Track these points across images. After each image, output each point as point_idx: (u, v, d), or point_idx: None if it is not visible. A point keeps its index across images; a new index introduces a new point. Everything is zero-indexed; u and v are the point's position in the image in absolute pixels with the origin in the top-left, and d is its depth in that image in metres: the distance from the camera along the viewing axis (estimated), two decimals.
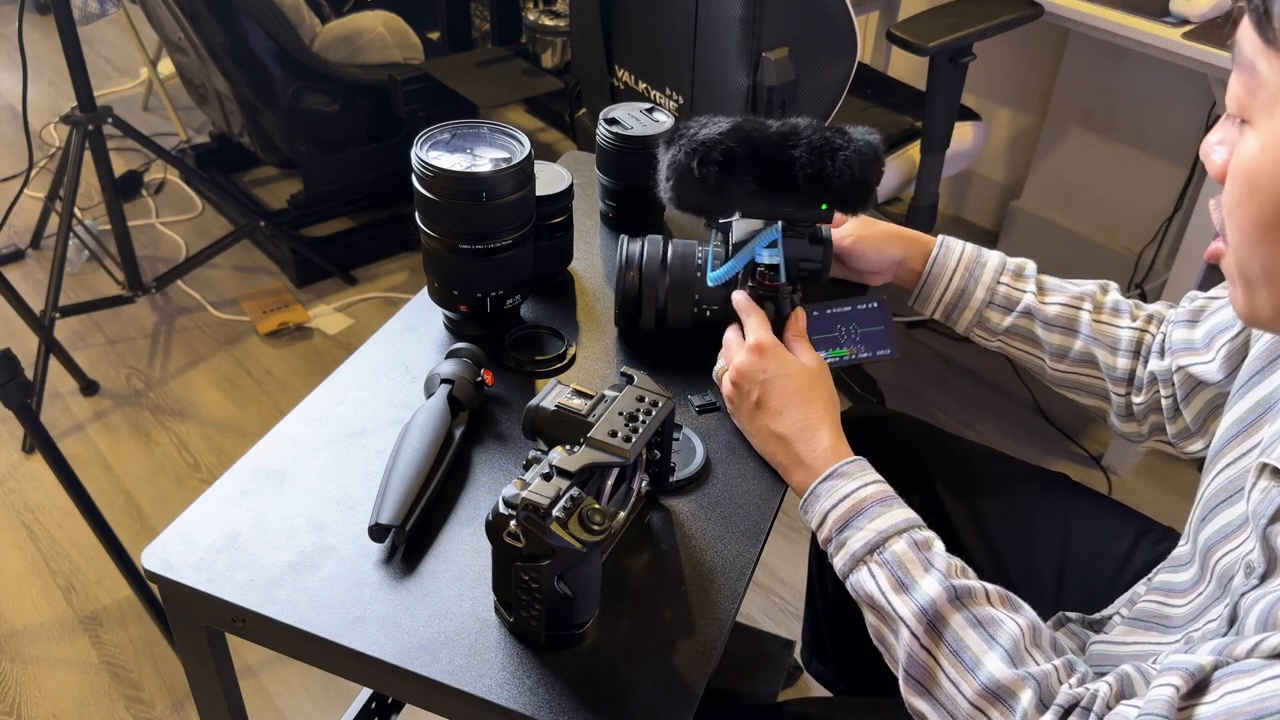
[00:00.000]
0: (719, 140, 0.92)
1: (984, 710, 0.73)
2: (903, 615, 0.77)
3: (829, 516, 0.84)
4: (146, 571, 0.83)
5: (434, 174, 0.97)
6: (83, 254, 2.62)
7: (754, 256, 0.98)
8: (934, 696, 0.76)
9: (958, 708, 0.74)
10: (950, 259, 1.06)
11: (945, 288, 1.06)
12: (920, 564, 0.79)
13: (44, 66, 3.51)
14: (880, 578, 0.79)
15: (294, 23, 2.36)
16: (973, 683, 0.73)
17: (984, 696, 0.73)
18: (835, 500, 0.84)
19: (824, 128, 0.94)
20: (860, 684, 1.43)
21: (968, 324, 1.06)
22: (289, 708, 1.65)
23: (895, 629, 0.78)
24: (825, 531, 0.84)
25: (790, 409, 0.90)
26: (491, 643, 0.78)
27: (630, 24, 1.88)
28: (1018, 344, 1.06)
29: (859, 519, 0.82)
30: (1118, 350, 1.02)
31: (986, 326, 1.06)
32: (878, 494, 0.84)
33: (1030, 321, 1.04)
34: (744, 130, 0.93)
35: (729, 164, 0.92)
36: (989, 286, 1.05)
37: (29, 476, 2.04)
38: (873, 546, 0.80)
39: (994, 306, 1.05)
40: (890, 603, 0.78)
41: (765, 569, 1.88)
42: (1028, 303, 1.04)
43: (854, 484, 0.84)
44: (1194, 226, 1.87)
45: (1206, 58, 1.70)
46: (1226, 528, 0.79)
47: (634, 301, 1.03)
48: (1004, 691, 0.72)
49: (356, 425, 0.97)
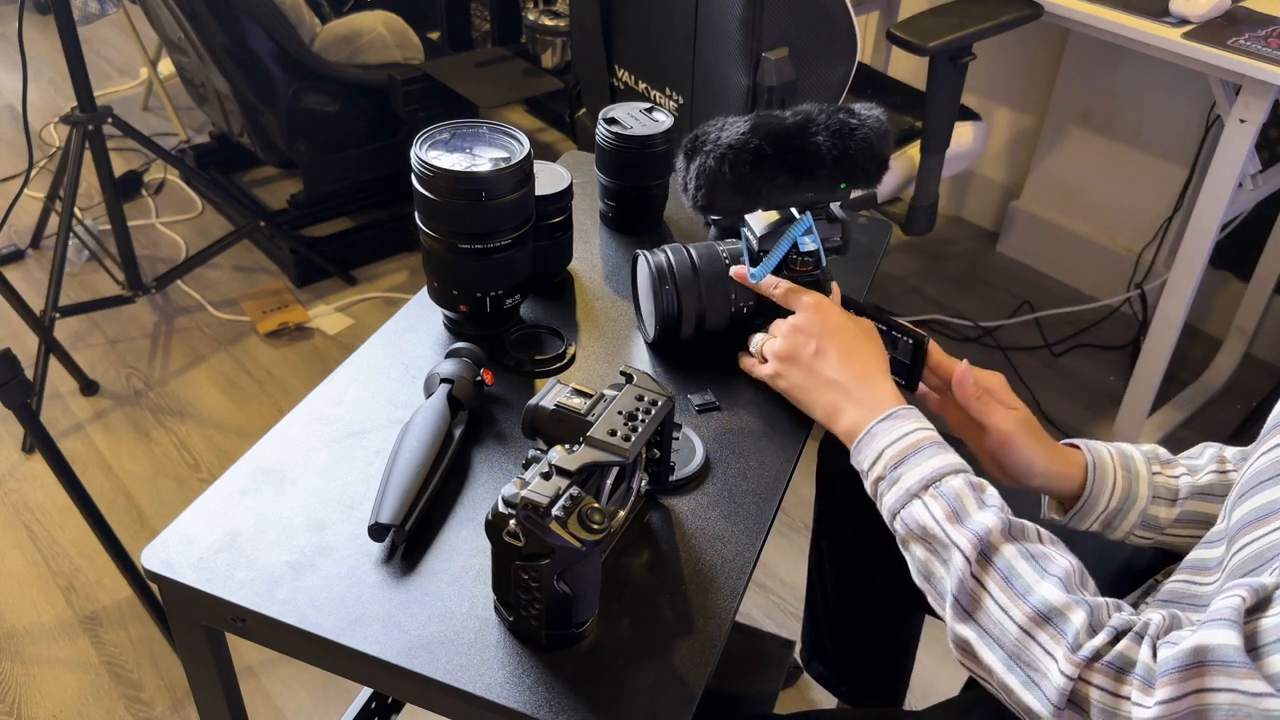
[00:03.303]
0: (746, 140, 0.93)
1: (1032, 633, 0.73)
2: (957, 542, 0.77)
3: (885, 453, 0.85)
4: (146, 571, 0.83)
5: (434, 174, 0.97)
6: (83, 254, 2.62)
7: (797, 245, 0.99)
8: (980, 623, 0.76)
9: (1005, 632, 0.74)
10: (1105, 466, 0.96)
11: (1110, 496, 0.95)
12: (975, 500, 0.79)
13: (44, 66, 3.51)
14: (935, 509, 0.80)
15: (294, 23, 2.36)
16: (1023, 606, 0.73)
17: (1034, 619, 0.73)
18: (893, 439, 0.85)
19: (834, 110, 0.96)
20: (860, 684, 1.44)
21: (1129, 528, 0.96)
22: (289, 708, 1.65)
23: (947, 556, 0.78)
24: (880, 468, 0.85)
25: (853, 357, 0.92)
26: (491, 642, 0.78)
27: (630, 24, 1.88)
28: (1186, 531, 0.96)
29: (916, 456, 0.83)
30: None
31: (1152, 525, 0.96)
32: (934, 438, 0.85)
33: (1200, 502, 0.96)
34: (765, 126, 0.94)
35: (759, 162, 0.93)
36: (1150, 483, 0.96)
37: (29, 476, 2.04)
38: (929, 481, 0.81)
39: (1159, 501, 0.96)
40: (945, 530, 0.78)
41: (765, 569, 1.88)
42: (1188, 484, 0.96)
43: (911, 424, 0.86)
44: (1194, 226, 1.87)
45: (1206, 58, 1.70)
46: (1263, 509, 0.76)
47: (675, 315, 1.02)
48: (1054, 614, 0.72)
49: (356, 425, 0.97)
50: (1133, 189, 2.51)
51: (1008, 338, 2.50)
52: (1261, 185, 1.89)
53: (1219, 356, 2.38)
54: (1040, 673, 0.71)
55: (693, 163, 0.95)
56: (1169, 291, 1.95)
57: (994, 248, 2.82)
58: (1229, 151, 1.78)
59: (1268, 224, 2.25)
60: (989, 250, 2.82)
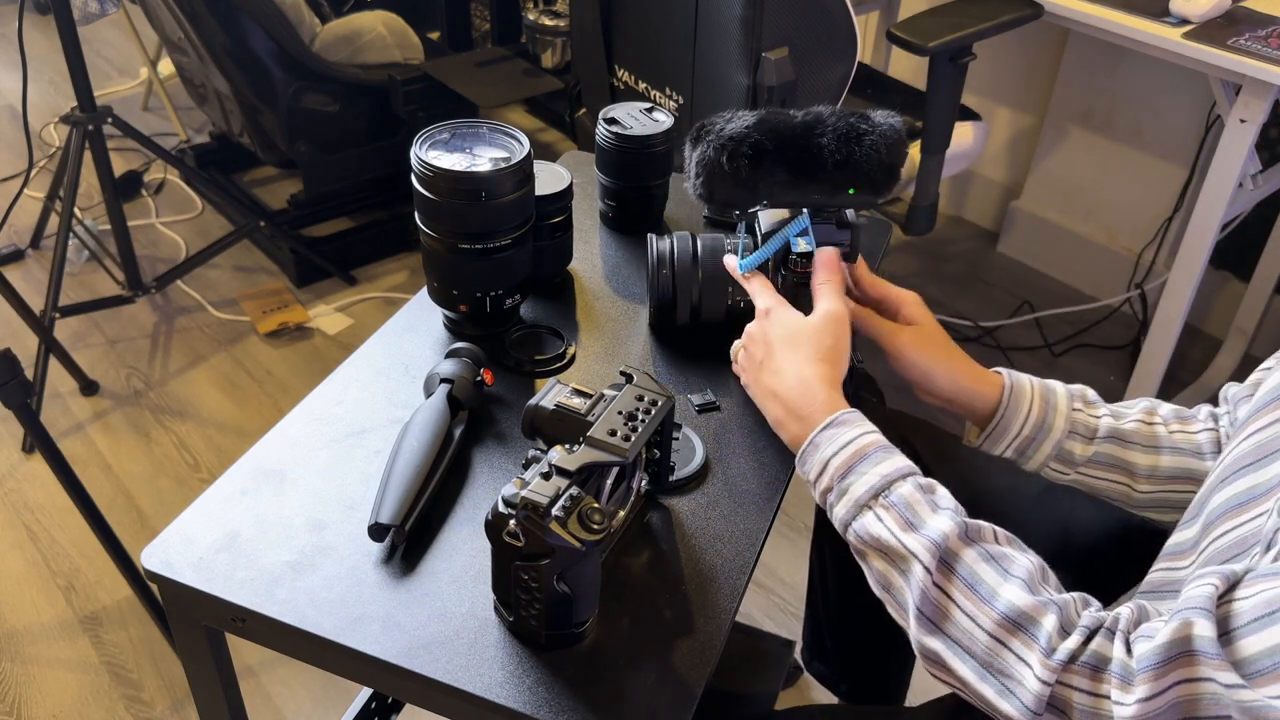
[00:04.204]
0: (747, 134, 0.94)
1: (1003, 640, 0.71)
2: (915, 551, 0.76)
3: (830, 464, 0.83)
4: (146, 571, 0.83)
5: (434, 174, 0.97)
6: (83, 254, 2.62)
7: (789, 245, 0.99)
8: (948, 634, 0.74)
9: (975, 641, 0.72)
10: (1023, 392, 0.98)
11: (1023, 422, 0.97)
12: (928, 505, 0.78)
13: (44, 66, 3.51)
14: (888, 519, 0.78)
15: (294, 23, 2.36)
16: (991, 613, 0.72)
17: (1003, 625, 0.71)
18: (837, 448, 0.83)
19: (847, 114, 0.96)
20: (860, 684, 1.44)
21: (1043, 459, 0.98)
22: (289, 708, 1.65)
23: (906, 568, 0.77)
24: (826, 480, 0.83)
25: (788, 367, 0.90)
26: (491, 642, 0.78)
27: (630, 24, 1.88)
28: (1100, 473, 0.98)
29: (862, 464, 0.81)
30: (1204, 454, 0.97)
31: (1066, 459, 0.97)
32: (878, 442, 0.83)
33: (1115, 446, 0.97)
34: (770, 123, 0.95)
35: (758, 156, 0.94)
36: (1067, 416, 0.97)
37: (29, 476, 2.04)
38: (878, 490, 0.79)
39: (1075, 436, 0.97)
40: (901, 541, 0.77)
41: (765, 569, 1.88)
42: (1109, 425, 0.97)
43: (855, 431, 0.84)
44: (1194, 226, 1.87)
45: (1206, 58, 1.70)
46: (1244, 495, 0.76)
47: (670, 299, 1.04)
48: (1024, 619, 0.71)
49: (356, 425, 0.97)
50: (1133, 189, 2.51)
51: (1008, 338, 2.50)
52: (1261, 185, 1.89)
53: (1219, 356, 2.38)
54: (1015, 680, 0.71)
55: (695, 150, 0.96)
56: (1169, 291, 1.95)
57: (994, 248, 2.82)
58: (1229, 151, 1.78)
59: (1268, 224, 2.25)
60: (989, 250, 2.82)
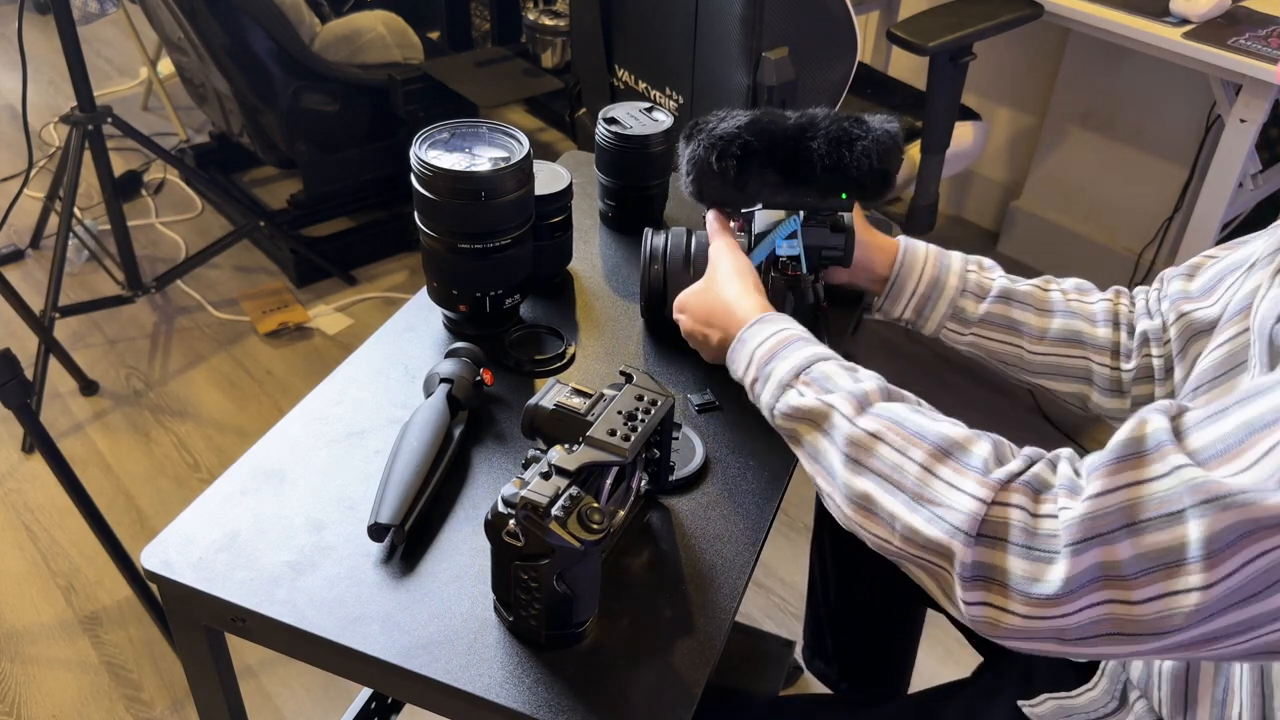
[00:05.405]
0: (736, 134, 0.94)
1: (934, 470, 0.68)
2: (834, 404, 0.75)
3: (755, 354, 0.85)
4: (146, 571, 0.83)
5: (433, 173, 0.97)
6: (82, 254, 2.62)
7: (774, 248, 0.99)
8: (874, 470, 0.71)
9: (905, 475, 0.69)
10: (918, 252, 1.03)
11: (918, 280, 1.02)
12: (848, 375, 0.78)
13: (44, 66, 3.51)
14: (808, 393, 0.78)
15: (294, 23, 2.36)
16: (921, 445, 0.69)
17: (934, 455, 0.69)
18: (760, 339, 0.85)
19: (842, 118, 0.96)
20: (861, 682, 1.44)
21: (940, 319, 1.02)
22: (289, 708, 1.65)
23: (828, 424, 0.75)
24: (753, 371, 0.85)
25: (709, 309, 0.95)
26: (491, 642, 0.78)
27: (630, 24, 1.88)
28: (993, 334, 1.02)
29: (784, 350, 0.83)
30: (1096, 322, 1.00)
31: (961, 318, 1.02)
32: (800, 334, 0.85)
33: (1007, 305, 1.01)
34: (762, 123, 0.95)
35: (747, 157, 0.94)
36: (961, 275, 1.02)
37: (29, 476, 2.04)
38: (799, 369, 0.80)
39: (968, 295, 1.02)
40: (822, 400, 0.76)
41: (765, 569, 1.88)
42: (1001, 285, 1.02)
43: (777, 325, 0.86)
44: (1194, 226, 1.87)
45: (1206, 58, 1.70)
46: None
47: (659, 294, 1.06)
48: (956, 448, 0.68)
49: (356, 425, 0.97)
50: (1133, 189, 2.51)
51: None
52: (1262, 185, 1.89)
53: None
54: (947, 506, 0.66)
55: (687, 148, 0.97)
56: None
57: (994, 247, 2.82)
58: (1229, 151, 1.78)
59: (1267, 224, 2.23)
60: (989, 250, 2.82)
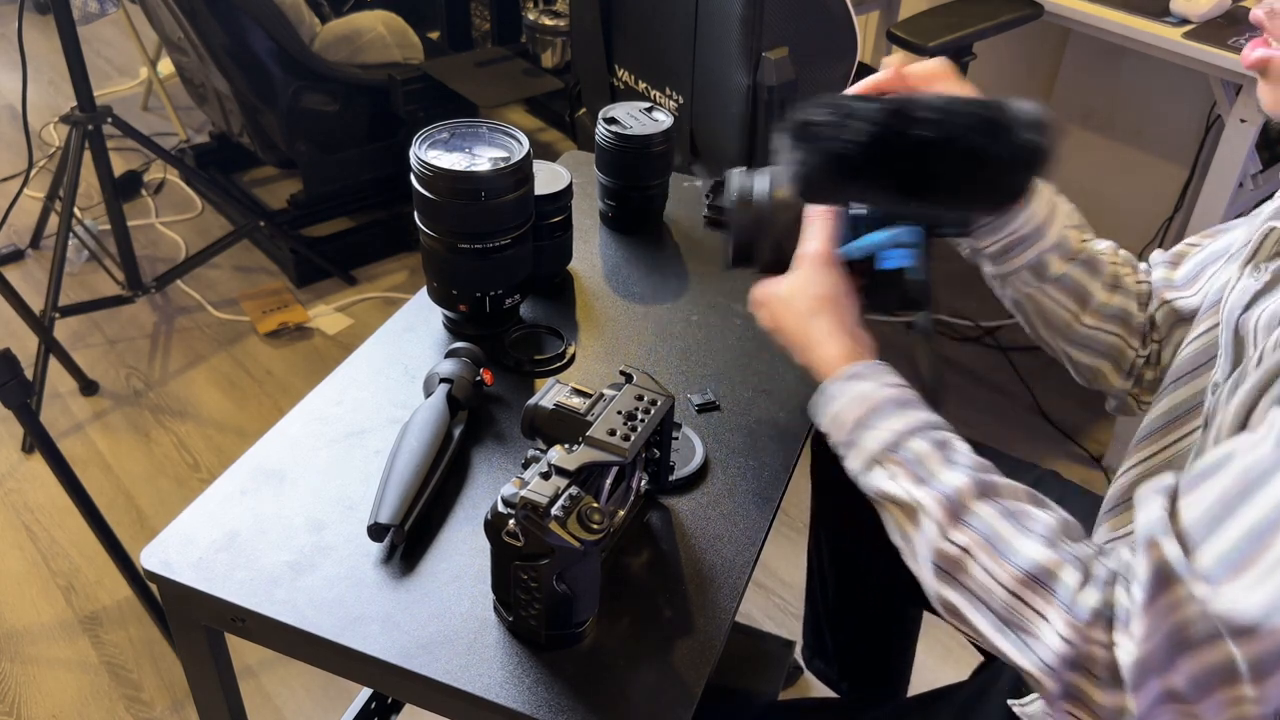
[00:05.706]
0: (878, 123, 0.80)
1: (1022, 596, 0.68)
2: (924, 504, 0.73)
3: (840, 417, 0.80)
4: (146, 571, 0.83)
5: (433, 173, 0.97)
6: (82, 254, 2.62)
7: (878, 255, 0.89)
8: (965, 585, 0.71)
9: (992, 596, 0.70)
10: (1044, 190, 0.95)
11: (1026, 219, 0.94)
12: (941, 459, 0.75)
13: (44, 66, 3.51)
14: (900, 476, 0.75)
15: (294, 23, 2.36)
16: (1009, 568, 0.69)
17: (1023, 582, 0.68)
18: (846, 399, 0.80)
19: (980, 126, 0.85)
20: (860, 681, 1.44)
21: (1023, 264, 0.95)
22: (289, 708, 1.65)
23: (917, 519, 0.74)
24: (837, 434, 0.81)
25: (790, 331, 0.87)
26: (491, 642, 0.78)
27: (630, 24, 1.88)
28: (1060, 295, 0.96)
29: (874, 419, 0.78)
30: (1140, 303, 0.98)
31: (1039, 271, 0.95)
32: (892, 396, 0.80)
33: (1088, 274, 0.96)
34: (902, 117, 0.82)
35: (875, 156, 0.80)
36: (1061, 230, 0.95)
37: (29, 476, 2.04)
38: (889, 446, 0.77)
39: (1058, 250, 0.95)
40: (911, 494, 0.74)
41: (765, 569, 1.88)
42: (1090, 252, 0.96)
43: (865, 385, 0.81)
44: (1194, 226, 1.87)
45: (1206, 58, 1.70)
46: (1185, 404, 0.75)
47: (747, 242, 0.93)
48: (1044, 574, 0.68)
49: (356, 425, 0.96)
50: (1133, 189, 2.51)
51: (1008, 338, 2.50)
52: (1262, 185, 1.89)
53: None
54: (1034, 636, 0.68)
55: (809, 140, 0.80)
56: None
57: None
58: (1229, 151, 1.78)
59: None
60: None
